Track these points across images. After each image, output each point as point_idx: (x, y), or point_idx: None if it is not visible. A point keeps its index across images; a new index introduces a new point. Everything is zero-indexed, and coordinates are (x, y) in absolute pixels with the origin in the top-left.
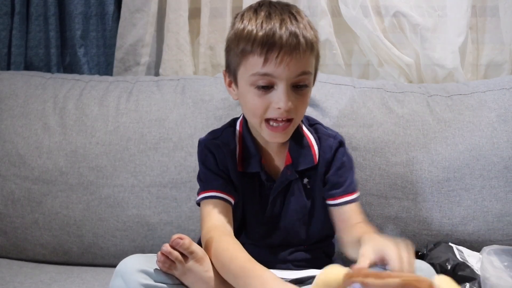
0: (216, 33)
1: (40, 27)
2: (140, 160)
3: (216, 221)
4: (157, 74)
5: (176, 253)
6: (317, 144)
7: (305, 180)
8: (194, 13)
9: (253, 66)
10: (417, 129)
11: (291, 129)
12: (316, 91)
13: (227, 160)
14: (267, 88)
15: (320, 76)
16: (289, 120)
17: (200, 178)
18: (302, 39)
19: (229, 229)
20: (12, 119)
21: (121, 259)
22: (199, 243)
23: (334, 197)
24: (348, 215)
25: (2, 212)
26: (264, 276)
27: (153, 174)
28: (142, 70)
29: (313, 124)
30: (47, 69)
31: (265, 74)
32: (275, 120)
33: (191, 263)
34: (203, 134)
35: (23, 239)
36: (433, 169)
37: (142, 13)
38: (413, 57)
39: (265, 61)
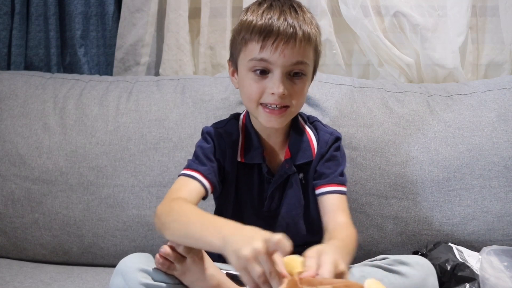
0: (216, 33)
1: (40, 27)
2: (140, 160)
3: (184, 195)
4: (157, 74)
5: (174, 254)
6: (316, 140)
7: (301, 175)
8: (194, 13)
9: (251, 51)
10: (417, 129)
11: (287, 116)
12: (316, 91)
13: (227, 149)
14: (264, 73)
15: (320, 76)
16: (285, 107)
17: (189, 159)
18: (299, 30)
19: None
20: (12, 119)
21: (121, 259)
22: None
23: (318, 186)
24: (330, 207)
25: (2, 212)
26: (231, 225)
27: (153, 174)
28: (142, 70)
29: (312, 122)
30: (47, 69)
31: (261, 59)
32: (271, 104)
33: (190, 263)
34: None
35: (23, 239)
36: (433, 169)
37: (142, 13)
38: (413, 57)
39: (262, 47)
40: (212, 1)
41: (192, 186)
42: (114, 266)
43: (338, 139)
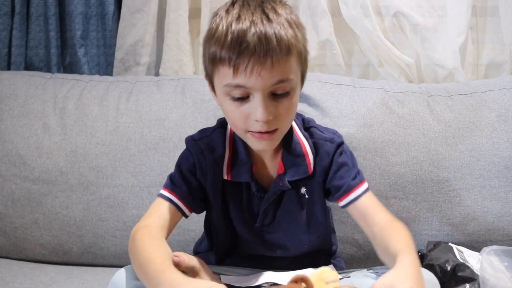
0: None
1: (40, 27)
2: (140, 160)
3: (152, 222)
4: (157, 74)
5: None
6: (312, 152)
7: (303, 190)
8: (194, 13)
9: (224, 76)
10: (417, 129)
11: (278, 137)
12: (316, 91)
13: (209, 167)
14: (243, 99)
15: (320, 76)
16: (274, 130)
17: (170, 174)
18: (274, 43)
19: (160, 233)
20: (12, 119)
21: (121, 259)
22: (199, 244)
23: (340, 198)
24: (363, 211)
25: (2, 212)
26: (175, 279)
27: (153, 174)
28: (142, 70)
29: (308, 128)
30: (47, 69)
31: (237, 86)
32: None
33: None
34: None
35: (23, 239)
36: (433, 169)
37: (142, 13)
38: (413, 57)
39: (235, 72)
40: (212, 1)
41: (167, 210)
42: (114, 266)
43: (340, 145)
